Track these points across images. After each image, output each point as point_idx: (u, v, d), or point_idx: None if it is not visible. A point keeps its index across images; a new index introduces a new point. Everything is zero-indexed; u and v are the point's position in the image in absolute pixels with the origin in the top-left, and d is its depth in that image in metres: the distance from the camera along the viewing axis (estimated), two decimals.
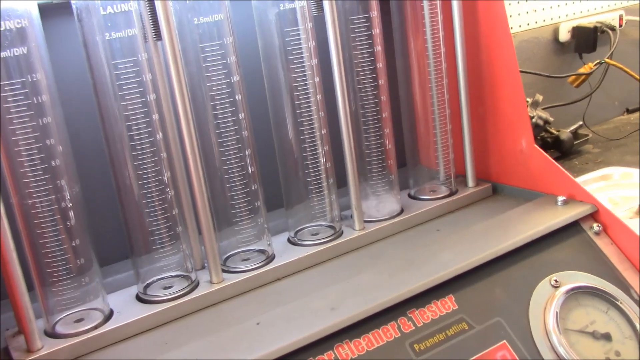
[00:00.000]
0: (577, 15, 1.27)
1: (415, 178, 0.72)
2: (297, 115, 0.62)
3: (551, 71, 1.21)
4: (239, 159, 0.59)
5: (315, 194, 0.64)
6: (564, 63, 1.25)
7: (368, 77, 0.64)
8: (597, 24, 1.23)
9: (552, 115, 1.14)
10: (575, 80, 1.21)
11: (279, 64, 0.61)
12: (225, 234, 0.61)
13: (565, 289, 0.57)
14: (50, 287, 0.53)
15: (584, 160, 1.12)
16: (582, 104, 1.22)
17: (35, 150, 0.51)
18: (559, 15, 1.25)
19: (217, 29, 0.56)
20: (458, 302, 0.55)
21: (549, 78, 1.19)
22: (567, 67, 1.24)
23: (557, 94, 1.21)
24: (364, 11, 0.63)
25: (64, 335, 0.54)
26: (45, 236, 0.52)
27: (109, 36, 0.53)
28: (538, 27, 1.23)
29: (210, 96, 0.57)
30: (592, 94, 1.21)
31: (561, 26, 1.24)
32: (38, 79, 0.50)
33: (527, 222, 0.62)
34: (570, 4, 1.26)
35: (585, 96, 1.22)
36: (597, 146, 1.18)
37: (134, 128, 0.54)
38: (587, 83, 1.20)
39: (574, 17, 1.26)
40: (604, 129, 1.25)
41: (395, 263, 0.58)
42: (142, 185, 0.55)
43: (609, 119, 1.31)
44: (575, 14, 1.27)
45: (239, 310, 0.57)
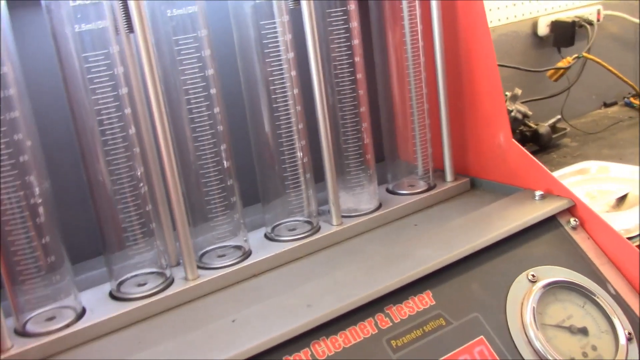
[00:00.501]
0: (555, 9, 1.27)
1: (394, 172, 0.72)
2: (273, 110, 0.61)
3: (530, 65, 1.21)
4: (214, 154, 0.58)
5: (292, 189, 0.63)
6: (542, 57, 1.25)
7: (346, 71, 0.63)
8: (575, 19, 1.24)
9: (530, 109, 1.14)
10: (553, 74, 1.21)
11: (254, 57, 0.60)
12: (200, 230, 0.60)
13: (543, 283, 0.57)
14: (20, 285, 0.52)
15: (562, 154, 1.13)
16: (560, 97, 1.22)
17: (2, 146, 0.49)
18: (537, 10, 1.25)
19: (191, 21, 0.55)
20: (435, 298, 0.55)
21: (527, 72, 1.20)
22: (546, 61, 1.24)
23: (535, 88, 1.21)
24: (341, 4, 0.62)
25: (35, 334, 0.52)
26: (14, 233, 0.51)
27: (78, 28, 0.51)
28: (517, 20, 1.23)
29: (185, 90, 0.56)
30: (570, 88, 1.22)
31: (540, 20, 1.24)
32: (5, 72, 0.49)
33: (505, 217, 0.62)
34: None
35: (564, 90, 1.22)
36: (575, 140, 1.19)
37: (105, 122, 0.53)
38: (566, 77, 1.21)
39: (552, 12, 1.27)
40: (582, 123, 1.26)
41: (372, 259, 0.58)
42: (115, 181, 0.54)
43: (586, 113, 1.32)
44: (553, 8, 1.27)
45: (214, 307, 0.56)
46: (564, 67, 1.20)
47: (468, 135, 0.72)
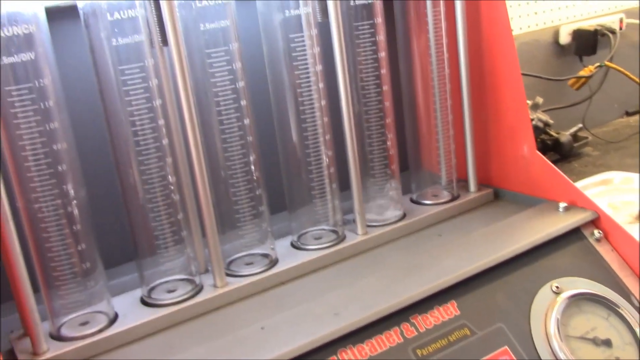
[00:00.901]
0: (577, 18, 1.27)
1: (418, 182, 0.73)
2: (301, 120, 0.62)
3: (551, 74, 1.21)
4: (243, 164, 0.59)
5: (319, 198, 0.64)
6: (564, 65, 1.25)
7: (372, 82, 0.64)
8: (597, 27, 1.24)
9: (552, 118, 1.14)
10: (575, 82, 1.21)
11: (283, 69, 0.61)
12: (228, 238, 0.62)
13: (567, 295, 0.57)
14: (56, 290, 0.54)
15: (583, 163, 1.13)
16: (582, 106, 1.22)
17: (41, 155, 0.51)
18: (559, 18, 1.26)
19: (223, 35, 0.57)
20: (460, 308, 0.56)
21: (549, 80, 1.20)
22: (568, 70, 1.24)
23: (557, 97, 1.22)
24: (368, 17, 0.63)
25: (69, 338, 0.54)
26: (51, 240, 0.52)
27: (115, 42, 0.53)
28: (539, 29, 1.23)
29: (216, 102, 0.58)
30: (592, 96, 1.22)
31: (562, 29, 1.25)
32: (45, 84, 0.51)
33: (529, 228, 0.62)
34: (570, 7, 1.26)
35: (585, 99, 1.22)
36: (596, 149, 1.19)
37: (139, 133, 0.55)
38: (587, 86, 1.21)
39: (574, 20, 1.27)
40: (604, 132, 1.26)
41: (397, 268, 0.59)
42: (148, 190, 0.56)
43: (608, 122, 1.32)
44: (575, 17, 1.27)
45: (243, 314, 0.57)
46: (586, 75, 1.21)
47: (491, 146, 0.72)
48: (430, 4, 0.66)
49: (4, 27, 0.49)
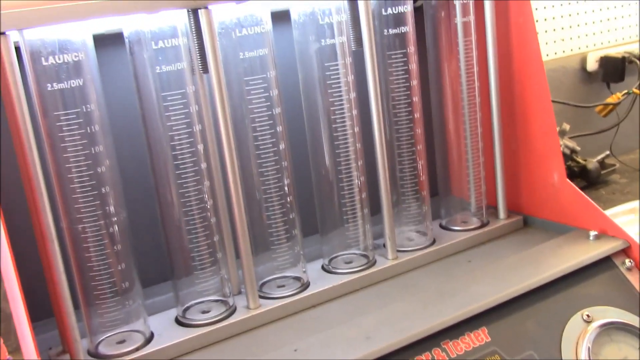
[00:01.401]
0: (605, 45, 1.27)
1: (447, 208, 0.74)
2: (334, 147, 0.63)
3: (578, 100, 1.21)
4: (278, 188, 0.61)
5: (350, 222, 0.65)
6: (591, 92, 1.25)
7: (404, 110, 0.66)
8: (625, 54, 1.24)
9: (579, 145, 1.14)
10: (602, 109, 1.21)
11: (318, 96, 0.63)
12: (261, 260, 0.63)
13: (598, 324, 0.57)
14: (96, 308, 0.55)
15: (610, 190, 1.13)
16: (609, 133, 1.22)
17: (86, 177, 0.53)
18: (586, 45, 1.26)
19: (261, 63, 0.59)
20: (491, 335, 0.56)
21: (576, 107, 1.20)
22: (595, 97, 1.24)
23: (584, 123, 1.21)
24: (401, 46, 0.64)
25: (107, 356, 0.56)
26: (93, 259, 0.54)
27: (159, 69, 0.55)
28: (566, 56, 1.24)
29: (253, 127, 0.59)
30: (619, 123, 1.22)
31: (589, 55, 1.25)
32: (92, 109, 0.53)
33: (560, 256, 0.63)
34: (598, 34, 1.27)
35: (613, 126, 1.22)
36: (624, 176, 1.18)
37: (179, 157, 0.56)
38: (615, 113, 1.21)
39: (601, 47, 1.27)
40: (631, 159, 1.25)
41: (428, 293, 0.59)
42: (186, 212, 0.57)
43: (636, 149, 1.31)
44: (603, 44, 1.27)
45: (275, 336, 0.58)
46: (614, 102, 1.20)
47: (521, 173, 0.73)
48: (462, 33, 0.67)
49: (55, 54, 0.51)
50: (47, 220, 0.51)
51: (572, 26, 1.23)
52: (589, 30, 1.26)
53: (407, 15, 0.64)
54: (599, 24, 1.26)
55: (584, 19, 1.24)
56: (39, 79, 0.51)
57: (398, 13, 0.64)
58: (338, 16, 0.61)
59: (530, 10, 0.67)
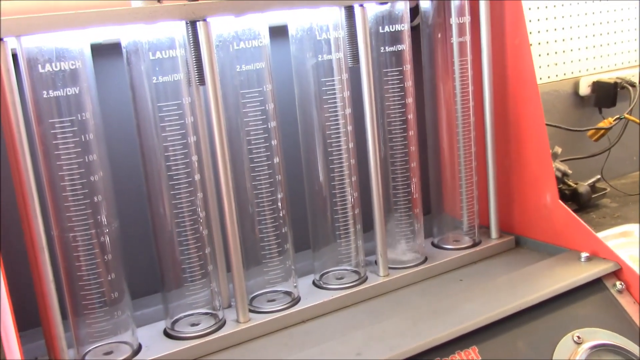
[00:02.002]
0: (597, 70, 1.29)
1: (439, 227, 0.74)
2: (329, 162, 0.63)
3: (570, 124, 1.22)
4: (271, 202, 0.61)
5: (343, 238, 0.65)
6: (583, 117, 1.26)
7: (399, 127, 0.66)
8: (617, 80, 1.25)
9: (570, 168, 1.15)
10: (594, 134, 1.22)
11: (314, 111, 0.63)
12: (252, 274, 0.62)
13: (588, 345, 0.57)
14: (84, 318, 0.55)
15: (601, 214, 1.13)
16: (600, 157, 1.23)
17: (79, 186, 0.53)
18: (579, 70, 1.27)
19: (258, 77, 0.59)
20: (482, 354, 0.56)
21: (568, 131, 1.21)
22: (587, 121, 1.25)
23: (576, 147, 1.22)
24: (397, 64, 0.65)
25: None
26: (83, 269, 0.54)
27: (155, 80, 0.55)
28: (559, 80, 1.25)
29: (247, 140, 0.59)
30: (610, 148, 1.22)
31: (581, 80, 1.26)
32: (87, 117, 0.53)
33: (551, 277, 0.63)
34: (591, 59, 1.28)
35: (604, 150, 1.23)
36: (614, 200, 1.19)
37: (173, 168, 0.56)
38: (606, 137, 1.22)
39: (594, 72, 1.28)
40: (622, 184, 1.25)
41: (419, 311, 0.59)
42: (178, 224, 0.57)
43: (627, 174, 1.32)
44: (595, 69, 1.29)
45: (265, 350, 0.58)
46: (605, 127, 1.21)
47: (514, 194, 0.73)
48: (458, 52, 0.68)
49: (52, 62, 0.51)
50: (37, 227, 0.51)
51: (566, 51, 1.25)
52: (582, 55, 1.27)
53: (404, 34, 0.65)
54: (592, 49, 1.28)
55: (578, 44, 1.26)
56: (34, 85, 0.51)
57: (395, 31, 0.64)
58: (335, 32, 0.61)
59: (526, 32, 0.68)
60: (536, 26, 1.18)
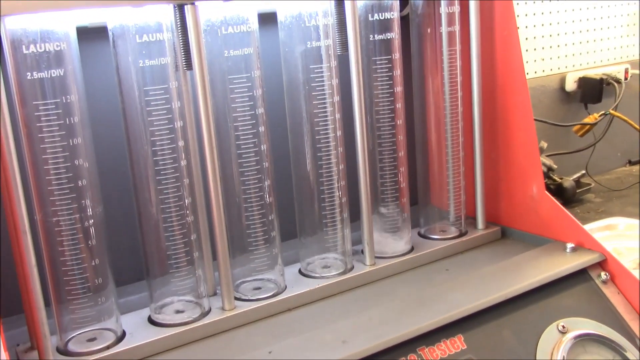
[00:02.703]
0: (583, 66, 1.30)
1: (426, 217, 0.74)
2: (316, 150, 0.63)
3: (556, 119, 1.23)
4: (258, 189, 0.60)
5: (330, 227, 0.65)
6: (569, 112, 1.27)
7: (387, 116, 0.66)
8: (603, 76, 1.26)
9: (555, 163, 1.15)
10: (580, 129, 1.23)
11: (302, 98, 0.62)
12: (238, 262, 0.62)
13: (573, 335, 0.58)
14: (67, 304, 0.54)
15: (585, 209, 1.14)
16: (585, 153, 1.24)
17: (63, 170, 0.52)
18: (565, 65, 1.28)
19: (246, 62, 0.58)
20: (467, 342, 0.56)
21: (554, 126, 1.21)
22: (572, 117, 1.26)
23: (561, 142, 1.23)
24: (386, 52, 0.65)
25: (76, 353, 0.54)
26: (66, 254, 0.53)
27: (142, 63, 0.54)
28: (545, 75, 1.26)
29: (235, 126, 0.59)
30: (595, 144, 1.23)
31: (568, 76, 1.27)
32: (72, 100, 0.52)
33: (536, 267, 0.63)
34: (577, 55, 1.29)
35: (589, 146, 1.24)
36: (598, 196, 1.20)
37: (159, 153, 0.56)
38: (592, 133, 1.23)
39: (580, 68, 1.29)
40: (606, 179, 1.27)
41: (405, 300, 0.59)
42: (164, 209, 0.56)
43: (611, 170, 1.33)
44: (582, 65, 1.30)
45: (250, 338, 0.57)
46: (591, 123, 1.22)
47: (501, 185, 0.73)
48: (447, 42, 0.68)
49: (36, 42, 0.50)
50: (20, 211, 0.50)
51: (553, 47, 1.25)
52: (568, 51, 1.28)
53: (394, 22, 0.64)
54: (579, 45, 1.28)
55: (565, 40, 1.26)
56: (18, 67, 0.50)
57: (384, 19, 0.64)
58: (325, 19, 0.61)
59: (515, 24, 0.68)
60: (524, 21, 1.18)
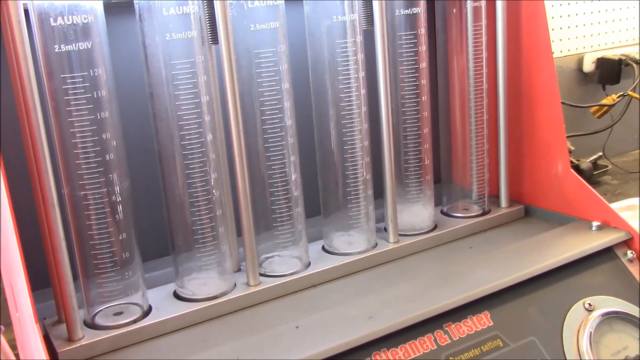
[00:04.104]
0: (602, 46, 1.28)
1: (449, 195, 0.73)
2: (341, 125, 0.63)
3: (573, 100, 1.22)
4: (283, 165, 0.60)
5: (353, 204, 0.64)
6: (586, 93, 1.26)
7: (411, 92, 0.65)
8: (621, 57, 1.25)
9: (572, 145, 1.15)
10: (597, 111, 1.22)
11: (327, 74, 0.62)
12: (263, 237, 0.62)
13: (599, 313, 0.57)
14: (94, 278, 0.54)
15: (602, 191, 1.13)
16: (602, 135, 1.23)
17: (90, 144, 0.52)
18: (583, 46, 1.27)
19: (272, 37, 0.58)
20: (493, 319, 0.56)
21: (571, 107, 1.20)
22: (590, 98, 1.25)
23: (578, 124, 1.22)
24: (412, 28, 0.64)
25: (104, 327, 0.54)
26: (93, 228, 0.53)
27: (169, 37, 0.54)
28: (562, 56, 1.24)
29: (260, 102, 0.58)
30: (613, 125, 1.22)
31: (586, 57, 1.25)
32: (99, 74, 0.52)
33: (562, 245, 0.63)
34: (595, 35, 1.28)
35: (606, 127, 1.23)
36: (615, 178, 1.19)
37: (185, 128, 0.55)
38: (609, 114, 1.22)
39: (598, 49, 1.28)
40: (623, 161, 1.26)
41: (430, 277, 0.59)
42: (190, 184, 0.56)
43: (628, 152, 1.32)
44: (600, 46, 1.28)
45: (275, 313, 0.57)
46: (608, 104, 1.21)
47: (525, 163, 0.73)
48: (472, 17, 0.67)
49: (64, 15, 0.50)
50: (49, 184, 0.50)
51: (571, 27, 1.24)
52: (586, 31, 1.26)
53: None
54: (597, 25, 1.27)
55: (582, 20, 1.25)
56: (46, 40, 0.50)
57: None
58: None
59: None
60: None
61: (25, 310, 0.48)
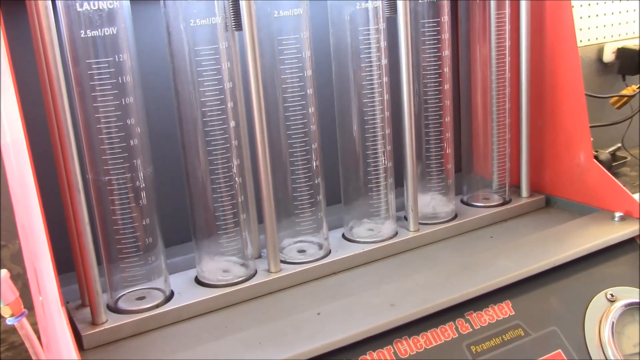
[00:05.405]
0: (622, 36, 1.27)
1: (469, 184, 0.73)
2: (363, 113, 0.62)
3: (593, 91, 1.21)
4: (305, 152, 0.60)
5: (374, 192, 0.64)
6: (606, 83, 1.25)
7: (434, 80, 0.65)
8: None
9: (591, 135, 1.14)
10: (617, 101, 1.21)
11: (349, 61, 0.62)
12: (283, 225, 0.62)
13: (622, 303, 0.57)
14: (118, 262, 0.54)
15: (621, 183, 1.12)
16: (622, 126, 1.21)
17: (115, 129, 0.52)
18: (604, 36, 1.25)
19: (295, 23, 0.57)
20: (515, 308, 0.56)
21: (590, 97, 1.19)
22: (609, 88, 1.23)
23: (597, 114, 1.21)
24: (435, 15, 0.64)
25: (127, 311, 0.55)
26: (117, 213, 0.53)
27: (192, 23, 0.54)
28: (582, 46, 1.23)
29: (283, 88, 0.58)
30: (632, 116, 1.21)
31: (605, 47, 1.24)
32: (124, 59, 0.52)
33: (584, 235, 0.62)
34: (616, 25, 1.26)
35: (626, 118, 1.21)
36: (634, 169, 1.18)
37: (208, 114, 0.55)
38: (629, 105, 1.20)
39: (619, 39, 1.26)
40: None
41: (451, 266, 0.59)
42: (212, 171, 0.56)
43: None
44: (620, 36, 1.27)
45: (297, 300, 0.57)
46: (629, 95, 1.20)
47: (546, 153, 0.72)
48: (495, 6, 0.67)
49: (89, 0, 0.50)
50: (74, 169, 0.50)
51: (591, 16, 1.23)
52: (607, 21, 1.25)
53: None
54: (618, 15, 1.25)
55: (603, 10, 1.23)
56: (71, 25, 0.50)
57: None
58: None
59: None
60: None
61: (51, 294, 0.48)
